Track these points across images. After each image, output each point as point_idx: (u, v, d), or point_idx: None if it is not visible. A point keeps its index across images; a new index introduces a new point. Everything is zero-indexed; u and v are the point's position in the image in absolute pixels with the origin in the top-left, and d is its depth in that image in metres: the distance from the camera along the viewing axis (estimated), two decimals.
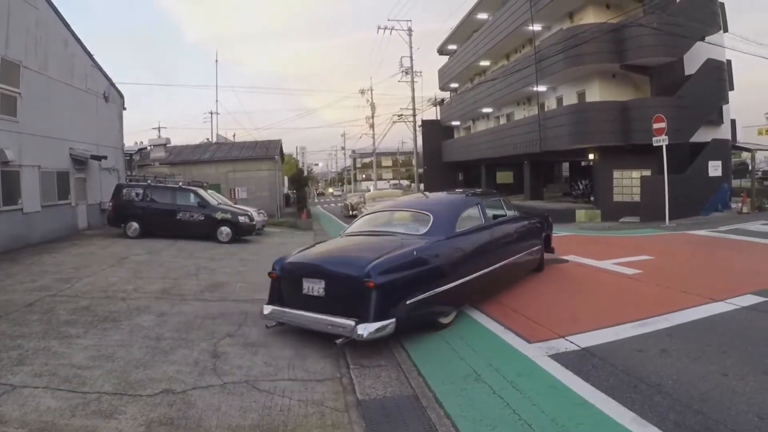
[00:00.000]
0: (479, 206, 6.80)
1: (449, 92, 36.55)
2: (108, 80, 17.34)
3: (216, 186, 22.85)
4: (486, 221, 6.73)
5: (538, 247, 8.21)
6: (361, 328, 4.55)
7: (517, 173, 29.93)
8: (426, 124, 36.06)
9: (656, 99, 17.37)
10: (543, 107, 22.65)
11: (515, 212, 7.93)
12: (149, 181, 15.11)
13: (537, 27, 22.07)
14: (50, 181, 13.29)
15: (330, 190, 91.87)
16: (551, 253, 8.88)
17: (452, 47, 34.25)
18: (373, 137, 48.26)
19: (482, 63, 29.65)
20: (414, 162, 39.69)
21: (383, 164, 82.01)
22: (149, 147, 24.36)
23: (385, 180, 74.69)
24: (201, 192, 14.57)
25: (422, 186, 35.24)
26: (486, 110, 29.19)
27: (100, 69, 16.77)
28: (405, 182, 66.34)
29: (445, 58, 35.81)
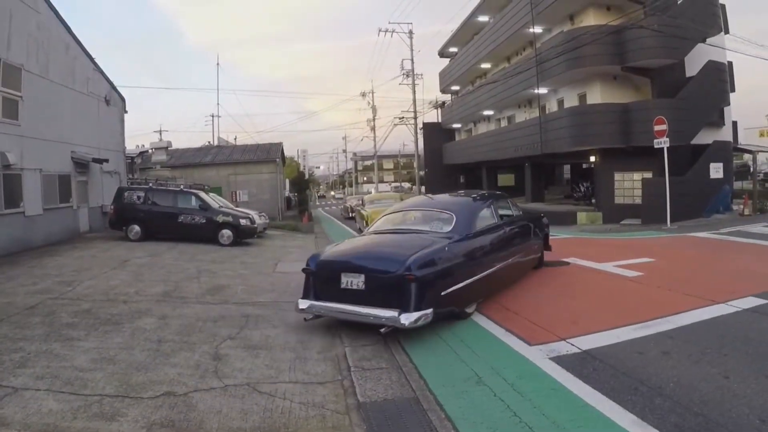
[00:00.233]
0: (492, 206, 7.30)
1: (450, 95, 36.57)
2: (109, 83, 17.39)
3: (217, 189, 22.89)
4: (498, 220, 7.20)
5: (540, 245, 8.77)
6: (404, 318, 4.92)
7: (519, 175, 29.92)
8: (427, 127, 36.13)
9: (657, 101, 17.35)
10: (544, 109, 22.64)
11: (520, 212, 8.39)
12: (151, 184, 15.13)
13: (538, 29, 22.10)
14: (52, 184, 13.31)
15: (332, 193, 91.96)
16: (549, 251, 9.26)
17: (453, 50, 34.30)
18: (374, 140, 48.30)
19: (483, 65, 29.71)
20: (415, 164, 39.75)
21: (384, 167, 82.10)
22: (151, 150, 24.44)
23: (387, 182, 74.71)
24: (202, 195, 14.60)
25: (423, 189, 35.24)
26: (487, 113, 29.20)
27: (102, 72, 16.83)
28: (406, 185, 66.42)
29: (446, 61, 35.88)
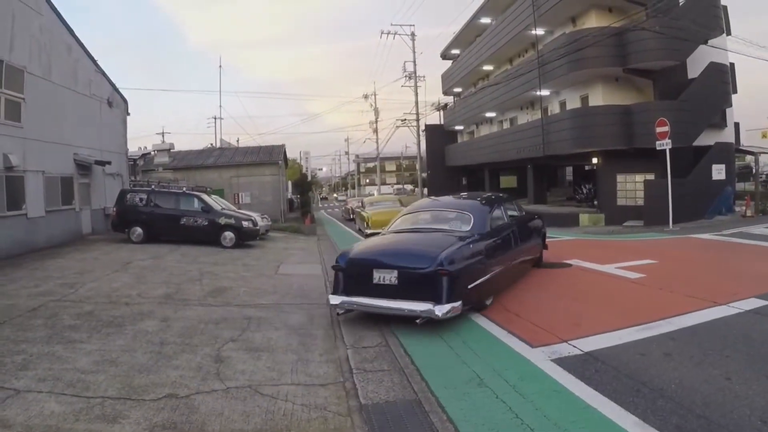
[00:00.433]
0: (502, 207, 7.83)
1: (452, 97, 36.57)
2: (112, 85, 17.45)
3: (220, 191, 22.94)
4: (508, 220, 7.71)
5: (539, 243, 9.24)
6: (438, 309, 5.31)
7: (521, 177, 29.86)
8: (429, 129, 36.12)
9: (659, 103, 17.34)
10: (546, 111, 22.64)
11: (524, 213, 8.97)
12: (153, 186, 15.17)
13: (540, 31, 22.12)
14: (54, 187, 13.35)
15: (334, 195, 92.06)
16: (545, 249, 9.64)
17: (455, 51, 34.31)
18: (377, 142, 48.45)
19: (485, 67, 29.72)
20: (417, 166, 39.70)
21: (387, 169, 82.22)
22: (153, 152, 24.48)
23: (389, 184, 74.82)
24: (204, 197, 14.62)
25: (426, 191, 35.24)
26: (489, 114, 29.21)
27: (104, 74, 16.87)
28: (409, 187, 66.45)
29: (449, 63, 35.89)
